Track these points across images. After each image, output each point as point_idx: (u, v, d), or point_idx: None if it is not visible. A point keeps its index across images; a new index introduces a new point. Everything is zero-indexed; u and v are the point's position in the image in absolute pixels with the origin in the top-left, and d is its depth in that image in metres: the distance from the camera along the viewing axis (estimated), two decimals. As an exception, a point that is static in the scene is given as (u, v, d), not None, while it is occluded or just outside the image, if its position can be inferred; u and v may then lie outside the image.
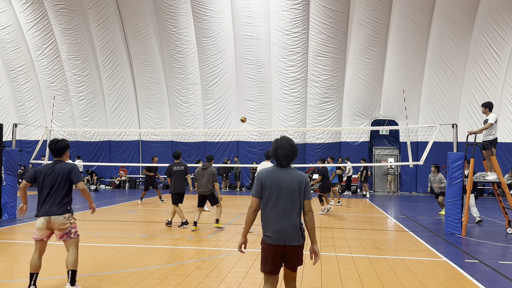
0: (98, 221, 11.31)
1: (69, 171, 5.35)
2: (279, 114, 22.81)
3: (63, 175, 5.31)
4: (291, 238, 3.88)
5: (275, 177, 3.93)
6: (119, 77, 24.22)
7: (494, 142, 10.19)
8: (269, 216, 3.91)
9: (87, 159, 24.72)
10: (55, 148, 5.47)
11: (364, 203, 17.07)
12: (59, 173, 5.31)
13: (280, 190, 3.89)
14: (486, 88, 20.92)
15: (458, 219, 10.06)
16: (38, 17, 23.69)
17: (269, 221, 3.91)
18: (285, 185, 3.89)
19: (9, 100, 26.02)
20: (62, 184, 5.31)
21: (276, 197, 3.89)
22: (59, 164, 5.39)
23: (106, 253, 7.41)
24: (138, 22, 22.91)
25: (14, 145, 12.83)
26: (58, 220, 5.20)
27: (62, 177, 5.32)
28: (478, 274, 6.39)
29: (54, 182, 5.29)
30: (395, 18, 20.72)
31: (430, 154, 11.31)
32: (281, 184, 3.90)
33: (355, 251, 7.87)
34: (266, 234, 3.92)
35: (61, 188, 5.31)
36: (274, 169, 3.99)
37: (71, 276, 5.15)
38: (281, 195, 3.89)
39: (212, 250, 7.78)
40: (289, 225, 3.86)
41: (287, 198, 3.88)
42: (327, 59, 21.57)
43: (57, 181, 5.30)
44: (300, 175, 3.98)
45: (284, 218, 3.87)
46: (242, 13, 21.71)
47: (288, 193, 3.89)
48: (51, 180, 5.30)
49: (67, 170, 5.34)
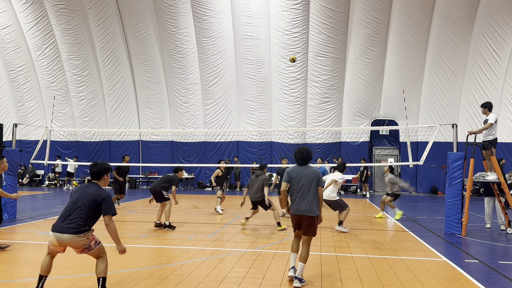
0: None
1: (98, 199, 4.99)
2: (279, 114, 22.82)
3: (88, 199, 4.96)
4: (305, 211, 5.77)
5: (298, 171, 5.95)
6: (119, 77, 24.22)
7: (494, 142, 10.19)
8: (293, 196, 5.89)
9: (87, 159, 24.72)
10: (92, 170, 5.18)
11: (364, 203, 17.07)
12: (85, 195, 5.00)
13: (300, 179, 5.86)
14: (486, 88, 20.93)
15: (458, 219, 10.06)
16: (38, 17, 23.69)
17: (294, 200, 5.88)
18: (304, 176, 5.86)
19: (9, 100, 26.01)
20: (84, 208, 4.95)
21: (298, 184, 5.87)
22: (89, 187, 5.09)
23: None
24: (138, 22, 22.91)
25: (14, 145, 12.82)
26: (72, 239, 4.86)
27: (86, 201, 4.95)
28: (478, 274, 6.39)
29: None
30: (395, 18, 20.73)
31: (430, 154, 11.30)
32: (301, 176, 5.87)
33: (355, 251, 7.87)
34: (291, 206, 5.90)
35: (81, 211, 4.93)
36: (296, 167, 6.06)
37: (101, 284, 4.98)
38: (301, 183, 5.84)
39: (212, 250, 7.78)
40: (305, 203, 5.78)
41: (306, 185, 5.82)
42: (327, 59, 21.57)
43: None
44: (314, 170, 5.98)
45: (303, 198, 5.80)
46: (242, 13, 21.71)
47: (306, 182, 5.82)
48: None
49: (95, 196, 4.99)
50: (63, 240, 4.83)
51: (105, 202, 4.98)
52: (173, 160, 24.43)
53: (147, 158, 24.79)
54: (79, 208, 4.91)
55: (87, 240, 4.92)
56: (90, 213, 4.95)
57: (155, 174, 24.89)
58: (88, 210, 4.93)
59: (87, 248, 4.94)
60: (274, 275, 6.16)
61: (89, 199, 4.94)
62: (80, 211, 4.90)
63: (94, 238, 5.01)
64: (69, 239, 4.82)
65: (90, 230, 4.99)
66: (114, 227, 4.98)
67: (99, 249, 5.05)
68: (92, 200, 4.94)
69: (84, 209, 4.91)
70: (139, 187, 24.85)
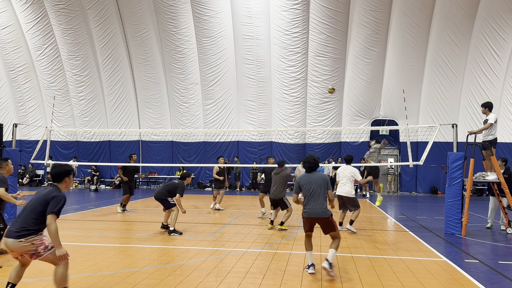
0: (98, 221, 11.31)
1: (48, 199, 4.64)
2: (279, 114, 22.82)
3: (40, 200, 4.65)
4: (319, 213, 6.28)
5: (307, 178, 6.48)
6: (119, 77, 24.22)
7: (494, 142, 10.18)
8: (305, 201, 6.40)
9: (87, 159, 24.73)
10: (52, 172, 4.88)
11: (364, 203, 17.07)
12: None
13: (311, 185, 6.36)
14: (486, 88, 20.92)
15: (458, 219, 10.06)
16: (38, 17, 23.69)
17: (306, 204, 6.38)
18: (313, 182, 6.37)
19: (9, 100, 26.01)
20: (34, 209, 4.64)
21: (309, 189, 6.36)
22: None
23: (106, 253, 7.41)
24: (138, 22, 22.91)
25: (14, 145, 12.81)
26: (14, 244, 4.53)
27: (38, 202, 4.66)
28: (478, 274, 6.39)
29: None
30: (395, 18, 20.72)
31: (430, 154, 11.30)
32: (311, 182, 6.39)
33: (355, 251, 7.87)
34: (304, 210, 6.39)
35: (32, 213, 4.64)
36: (305, 175, 6.57)
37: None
38: (312, 188, 6.34)
39: (212, 250, 7.78)
40: (318, 206, 6.28)
41: (316, 190, 6.32)
42: (327, 59, 21.57)
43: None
44: (322, 175, 6.53)
45: (316, 202, 6.29)
46: (242, 13, 21.71)
47: (317, 187, 6.33)
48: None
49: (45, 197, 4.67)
50: (8, 245, 4.55)
51: (52, 201, 4.59)
52: (173, 160, 24.44)
53: (147, 158, 24.79)
54: (26, 211, 4.65)
55: (32, 245, 4.55)
56: (36, 216, 4.60)
57: (155, 174, 24.91)
58: (34, 213, 4.60)
59: (34, 254, 4.59)
60: (274, 275, 6.16)
61: (38, 201, 4.64)
62: (26, 214, 4.62)
63: (43, 243, 4.61)
64: (12, 244, 4.52)
65: (37, 234, 4.60)
66: (54, 228, 4.51)
67: (52, 255, 4.62)
68: (42, 201, 4.62)
69: (31, 212, 4.61)
70: (139, 187, 24.86)
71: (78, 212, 13.10)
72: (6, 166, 7.25)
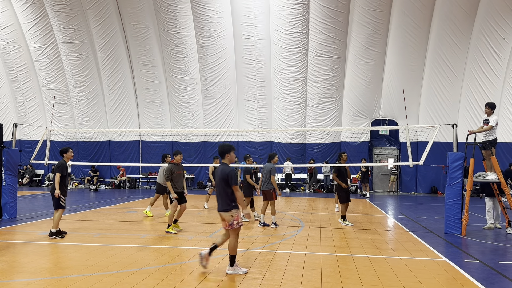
0: (98, 221, 11.31)
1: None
2: (279, 114, 22.82)
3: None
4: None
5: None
6: (119, 77, 24.22)
7: (494, 142, 10.19)
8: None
9: (87, 159, 24.72)
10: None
11: (364, 203, 17.07)
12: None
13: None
14: (486, 88, 20.92)
15: (458, 219, 10.06)
16: (38, 17, 23.69)
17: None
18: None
19: (9, 100, 26.01)
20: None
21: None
22: None
23: (106, 253, 7.41)
24: (138, 22, 22.91)
25: (14, 145, 12.82)
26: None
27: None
28: (478, 274, 6.39)
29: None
30: (395, 18, 20.72)
31: (430, 154, 11.30)
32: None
33: (355, 251, 7.87)
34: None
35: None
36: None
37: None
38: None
39: (212, 250, 7.77)
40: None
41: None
42: (327, 59, 21.57)
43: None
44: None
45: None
46: (242, 13, 21.71)
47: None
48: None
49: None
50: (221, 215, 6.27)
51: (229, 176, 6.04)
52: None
53: (147, 158, 24.79)
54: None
55: (231, 217, 6.15)
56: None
57: (155, 174, 24.90)
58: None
59: (230, 225, 6.18)
60: (274, 275, 6.16)
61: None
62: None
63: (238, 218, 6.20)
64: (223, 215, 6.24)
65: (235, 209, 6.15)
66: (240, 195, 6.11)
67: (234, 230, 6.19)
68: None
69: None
70: (139, 187, 24.86)
71: (78, 212, 13.10)
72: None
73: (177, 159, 9.65)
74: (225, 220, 6.17)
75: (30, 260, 6.85)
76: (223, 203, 6.16)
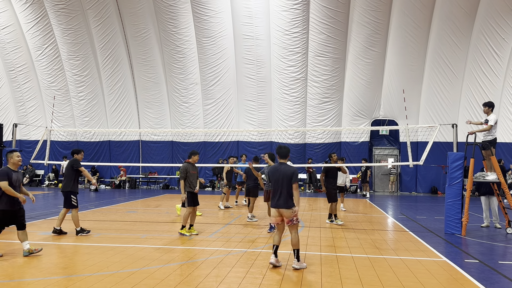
0: (98, 221, 11.31)
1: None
2: (279, 114, 22.82)
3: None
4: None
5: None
6: (119, 77, 24.22)
7: (494, 142, 10.19)
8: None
9: (87, 159, 24.69)
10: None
11: (364, 203, 17.07)
12: None
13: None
14: (486, 88, 20.92)
15: (458, 219, 10.06)
16: (38, 17, 23.69)
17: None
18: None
19: (9, 100, 26.01)
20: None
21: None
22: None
23: (106, 253, 7.41)
24: (138, 22, 22.91)
25: (14, 145, 12.81)
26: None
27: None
28: (478, 274, 6.39)
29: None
30: (395, 18, 20.72)
31: (430, 154, 11.30)
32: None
33: (355, 251, 7.87)
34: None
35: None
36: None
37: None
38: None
39: (212, 250, 7.78)
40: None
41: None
42: (327, 59, 21.57)
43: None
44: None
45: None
46: (242, 13, 21.71)
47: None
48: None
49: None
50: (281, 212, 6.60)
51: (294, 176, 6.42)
52: (173, 160, 24.43)
53: (147, 158, 24.79)
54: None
55: (292, 213, 6.46)
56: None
57: (155, 174, 24.90)
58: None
59: (290, 221, 6.54)
60: (274, 275, 6.16)
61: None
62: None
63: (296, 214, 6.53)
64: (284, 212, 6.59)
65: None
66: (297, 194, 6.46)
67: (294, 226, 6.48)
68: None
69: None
70: (139, 187, 24.86)
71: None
72: (10, 159, 7.40)
73: (194, 159, 9.61)
74: (285, 216, 6.46)
75: (30, 260, 6.86)
76: (285, 200, 6.45)
